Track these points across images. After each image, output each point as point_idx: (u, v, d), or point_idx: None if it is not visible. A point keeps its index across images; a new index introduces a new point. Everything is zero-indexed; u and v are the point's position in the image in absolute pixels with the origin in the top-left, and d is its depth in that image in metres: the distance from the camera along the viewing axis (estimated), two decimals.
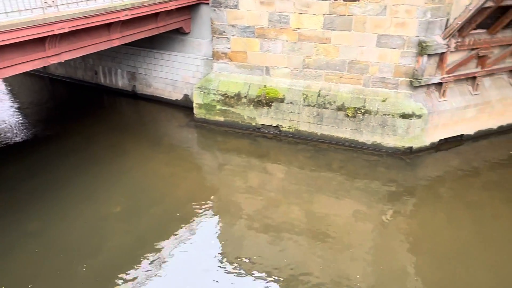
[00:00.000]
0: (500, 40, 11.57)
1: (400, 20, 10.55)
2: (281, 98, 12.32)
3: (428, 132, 11.66)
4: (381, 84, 11.48)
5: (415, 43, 10.62)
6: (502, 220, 9.23)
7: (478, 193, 10.24)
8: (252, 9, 11.82)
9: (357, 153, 11.83)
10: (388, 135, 11.58)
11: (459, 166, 11.45)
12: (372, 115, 11.51)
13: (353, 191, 10.29)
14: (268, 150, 12.20)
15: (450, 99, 11.78)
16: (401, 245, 8.50)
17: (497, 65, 12.16)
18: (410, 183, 10.72)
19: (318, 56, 11.75)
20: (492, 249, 8.31)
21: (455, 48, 10.92)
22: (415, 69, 10.88)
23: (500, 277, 7.59)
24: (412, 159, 11.53)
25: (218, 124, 13.32)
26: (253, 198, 9.97)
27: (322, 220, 9.17)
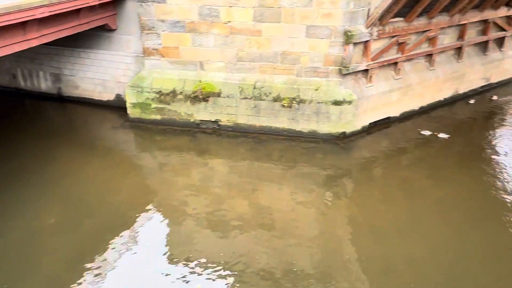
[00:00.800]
0: (416, 28, 12.52)
1: (326, 11, 10.96)
2: (217, 93, 12.28)
3: (359, 117, 12.34)
4: (313, 73, 11.89)
5: (341, 32, 11.12)
6: (428, 193, 10.09)
7: (407, 170, 11.09)
8: (181, 3, 11.57)
9: (295, 141, 12.19)
10: (323, 122, 12.07)
11: (388, 146, 12.29)
12: (306, 104, 11.90)
13: (294, 178, 10.62)
14: (209, 146, 12.13)
15: (376, 85, 12.55)
16: (343, 227, 8.97)
17: (415, 51, 13.17)
18: (346, 166, 11.31)
19: (251, 49, 11.85)
20: (422, 221, 9.06)
21: (377, 36, 11.61)
22: (343, 57, 11.42)
23: (431, 246, 8.31)
24: (346, 144, 12.15)
25: (155, 123, 12.95)
26: (197, 195, 9.89)
27: (268, 210, 9.36)
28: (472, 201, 9.77)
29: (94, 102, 14.32)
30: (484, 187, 10.29)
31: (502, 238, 8.55)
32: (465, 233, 8.68)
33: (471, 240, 8.47)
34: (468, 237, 8.55)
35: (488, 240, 8.48)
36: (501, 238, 8.57)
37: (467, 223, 8.98)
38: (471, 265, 7.85)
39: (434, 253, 8.09)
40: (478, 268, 7.78)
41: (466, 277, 7.55)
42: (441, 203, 9.68)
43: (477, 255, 8.08)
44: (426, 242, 8.41)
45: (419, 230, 8.78)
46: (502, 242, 8.45)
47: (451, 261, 7.91)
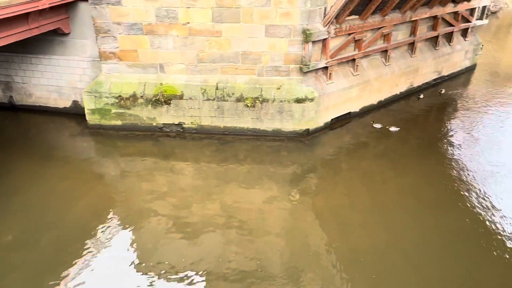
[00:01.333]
0: (371, 25, 12.93)
1: (284, 10, 11.09)
2: (179, 95, 12.11)
3: (321, 114, 12.60)
4: (274, 72, 11.99)
5: (300, 31, 11.29)
6: (389, 184, 10.49)
7: (369, 163, 11.45)
8: (137, 5, 11.30)
9: (261, 141, 12.26)
10: (287, 120, 12.22)
11: (350, 141, 12.63)
12: (269, 103, 11.99)
13: (261, 177, 10.68)
14: (173, 149, 11.95)
15: (336, 81, 12.86)
16: (310, 222, 9.12)
17: (371, 47, 13.61)
18: (311, 163, 11.52)
19: (212, 50, 11.78)
20: (385, 212, 9.40)
21: (334, 34, 11.89)
22: (303, 56, 11.60)
23: (394, 235, 8.64)
24: (310, 140, 12.37)
25: (116, 129, 12.58)
26: (164, 200, 9.71)
27: (236, 210, 9.35)
28: (429, 189, 10.24)
29: (50, 110, 13.71)
30: (440, 176, 10.82)
31: (458, 223, 9.04)
32: (424, 220, 9.08)
33: (430, 226, 8.87)
34: (427, 224, 8.95)
35: (446, 225, 8.93)
36: (457, 222, 9.05)
37: (426, 211, 9.40)
38: (431, 249, 8.22)
39: (397, 241, 8.42)
40: (438, 251, 8.16)
41: (427, 261, 7.90)
42: (401, 193, 10.09)
43: (437, 240, 8.48)
44: (389, 231, 8.74)
45: (382, 220, 9.09)
46: (458, 226, 8.93)
47: (413, 247, 8.26)
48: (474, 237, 8.59)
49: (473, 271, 7.72)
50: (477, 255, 8.11)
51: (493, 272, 7.70)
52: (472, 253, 8.17)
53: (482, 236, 8.59)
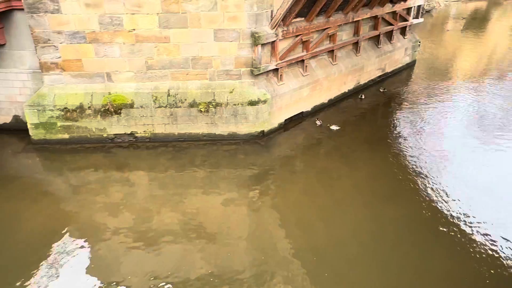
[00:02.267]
0: (316, 26, 13.34)
1: (232, 14, 11.15)
2: (130, 104, 11.77)
3: (275, 115, 12.79)
4: (226, 76, 12.01)
5: (249, 34, 11.40)
6: (344, 179, 10.85)
7: (324, 160, 11.78)
8: (78, 13, 10.85)
9: (217, 145, 12.21)
10: (242, 123, 12.27)
11: (305, 140, 12.93)
12: (223, 107, 11.98)
13: (220, 182, 10.63)
14: (127, 160, 11.57)
15: (287, 82, 13.11)
16: (272, 223, 9.20)
17: (318, 48, 14.03)
18: (268, 164, 11.64)
19: (161, 56, 11.57)
20: (343, 206, 9.72)
21: (282, 36, 12.13)
22: (253, 58, 11.72)
23: (352, 228, 8.94)
24: (265, 142, 12.51)
25: (63, 143, 11.98)
26: (120, 213, 9.37)
27: (197, 217, 9.23)
28: (382, 181, 10.73)
29: None
30: (390, 168, 11.36)
31: (410, 211, 9.53)
32: (379, 211, 9.49)
33: (385, 217, 9.28)
34: (382, 214, 9.36)
35: (399, 214, 9.38)
36: (409, 210, 9.54)
37: (379, 202, 9.82)
38: (387, 239, 8.60)
39: (355, 234, 8.72)
40: (394, 240, 8.56)
41: (384, 250, 8.26)
42: (356, 187, 10.48)
43: (392, 230, 8.89)
44: (347, 224, 9.04)
45: (340, 214, 9.39)
46: (410, 214, 9.42)
47: (371, 238, 8.60)
48: (426, 224, 9.10)
49: (426, 257, 8.16)
50: (430, 241, 8.59)
51: (444, 256, 8.20)
52: (425, 239, 8.64)
53: (434, 222, 9.13)
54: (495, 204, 9.66)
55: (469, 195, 10.01)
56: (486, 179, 10.63)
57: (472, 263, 7.95)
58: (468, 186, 10.35)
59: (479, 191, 10.12)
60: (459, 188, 10.31)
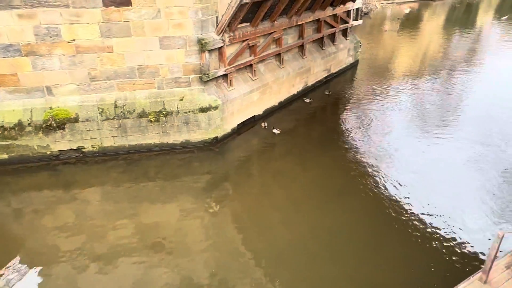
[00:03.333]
0: (262, 31, 13.54)
1: (176, 21, 11.02)
2: (74, 118, 11.21)
3: (227, 120, 12.78)
4: (174, 84, 11.82)
5: (195, 41, 11.32)
6: (299, 179, 11.07)
7: (278, 162, 11.94)
8: (10, 24, 10.18)
9: (170, 155, 11.97)
10: (194, 131, 12.13)
11: (258, 143, 13.04)
12: (174, 115, 11.78)
13: (176, 192, 10.42)
14: (75, 177, 10.99)
15: (237, 87, 13.17)
16: (232, 229, 9.16)
17: (265, 52, 14.24)
18: (224, 170, 11.59)
19: (104, 67, 11.16)
20: (299, 206, 9.90)
21: (229, 41, 12.18)
22: (201, 65, 11.64)
23: (310, 226, 9.13)
24: (220, 148, 12.45)
25: (2, 163, 11.14)
26: (72, 233, 8.87)
27: (155, 230, 8.96)
28: (335, 177, 11.08)
29: None
30: (342, 164, 11.77)
31: (364, 203, 9.93)
32: (334, 207, 9.78)
33: (340, 212, 9.59)
34: (337, 210, 9.66)
35: (355, 207, 9.74)
36: (363, 203, 9.93)
37: (335, 198, 10.13)
38: (344, 233, 8.89)
39: (313, 232, 8.92)
40: (351, 233, 8.85)
41: (342, 244, 8.53)
42: (311, 186, 10.73)
43: (347, 224, 9.20)
44: (306, 223, 9.22)
45: (298, 214, 9.56)
46: (365, 206, 9.81)
47: (328, 234, 8.84)
48: (379, 213, 9.52)
49: (383, 245, 8.52)
50: (384, 230, 8.99)
51: (399, 242, 8.61)
52: (379, 228, 9.03)
53: (385, 211, 9.57)
54: (434, 187, 10.33)
55: (414, 182, 10.64)
56: (428, 166, 11.36)
57: (425, 245, 8.42)
58: (414, 173, 10.99)
59: (422, 177, 10.78)
60: (406, 176, 10.92)
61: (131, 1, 10.50)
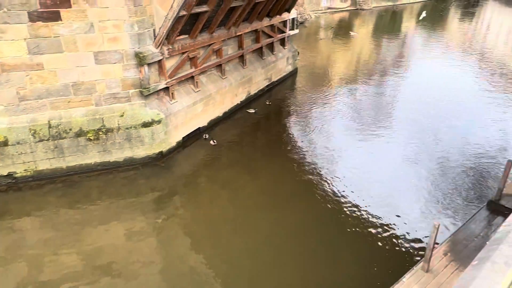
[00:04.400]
0: (201, 42, 13.53)
1: (112, 35, 10.66)
2: (3, 142, 10.36)
3: (171, 134, 12.54)
4: (114, 100, 11.39)
5: (133, 55, 11.02)
6: (248, 188, 11.13)
7: (226, 173, 11.91)
8: None
9: (113, 174, 11.46)
10: (137, 147, 11.74)
11: (205, 155, 12.92)
12: (115, 132, 11.33)
13: (122, 212, 9.98)
14: (7, 205, 10.12)
15: (180, 100, 12.99)
16: (184, 244, 8.94)
17: (206, 63, 14.23)
18: (171, 184, 11.33)
19: (35, 85, 10.47)
20: (250, 213, 9.93)
21: (169, 54, 12.01)
22: (141, 79, 11.35)
23: (262, 234, 9.20)
24: (166, 162, 12.16)
25: None
26: (8, 267, 8.13)
27: (100, 255, 8.49)
28: (284, 184, 11.28)
29: None
30: (289, 170, 12.02)
31: (313, 206, 10.20)
32: (286, 212, 9.95)
33: (291, 217, 9.76)
34: (288, 216, 9.82)
35: (304, 211, 9.97)
36: (312, 206, 10.20)
37: (285, 204, 10.31)
38: (297, 236, 9.07)
39: (267, 238, 8.99)
40: (303, 236, 9.05)
41: (296, 248, 8.69)
42: (261, 194, 10.84)
43: (299, 228, 9.39)
44: (259, 230, 9.28)
45: (250, 222, 9.59)
46: (314, 209, 10.08)
47: (280, 240, 8.96)
48: (327, 215, 9.83)
49: (334, 245, 8.79)
50: (333, 230, 9.29)
51: (349, 241, 8.93)
52: (329, 229, 9.32)
53: (333, 211, 9.90)
54: (377, 183, 10.91)
55: (358, 181, 11.16)
56: (370, 164, 11.98)
57: (373, 240, 8.81)
58: (357, 173, 11.53)
59: (365, 176, 11.34)
60: (350, 176, 11.42)
61: (61, 16, 10.00)
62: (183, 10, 11.05)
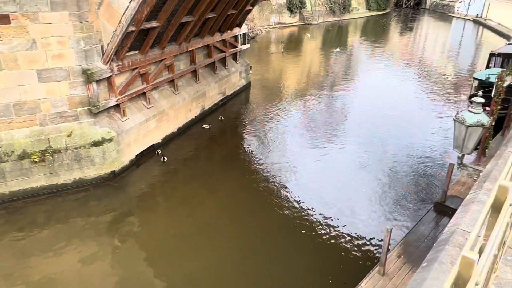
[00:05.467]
0: (152, 58, 13.32)
1: (56, 52, 10.22)
2: None
3: (124, 152, 12.14)
4: (60, 119, 10.86)
5: (80, 72, 10.61)
6: (206, 203, 10.98)
7: (183, 189, 11.69)
8: None
9: (62, 196, 10.86)
10: (88, 167, 11.23)
11: (161, 172, 12.62)
12: (62, 153, 10.77)
13: (73, 237, 9.43)
14: None
15: (131, 117, 12.64)
16: (141, 267, 8.60)
17: (158, 79, 14.02)
18: (126, 204, 10.92)
19: None
20: (208, 229, 9.79)
21: (118, 70, 11.70)
22: (90, 97, 10.94)
23: (221, 249, 9.08)
24: (119, 182, 11.72)
25: None
26: None
27: (50, 285, 7.94)
28: (242, 197, 11.27)
29: None
30: (247, 183, 12.05)
31: (271, 217, 10.25)
32: (244, 225, 9.93)
33: (250, 229, 9.76)
34: (247, 228, 9.81)
35: (262, 222, 9.99)
36: (270, 217, 10.25)
37: (244, 216, 10.30)
38: (256, 248, 9.05)
39: (226, 252, 8.89)
40: (262, 248, 9.05)
41: (256, 260, 8.66)
42: (220, 208, 10.74)
43: (257, 239, 9.39)
44: (218, 245, 9.17)
45: (209, 238, 9.44)
46: (272, 219, 10.14)
47: (241, 252, 8.90)
48: (285, 224, 9.92)
49: (291, 254, 8.86)
50: (292, 242, 9.37)
51: (308, 252, 9.05)
52: (287, 238, 9.40)
53: (290, 220, 10.00)
54: (331, 191, 11.21)
55: (313, 190, 11.41)
56: (323, 173, 12.30)
57: (332, 247, 8.99)
58: (312, 182, 11.78)
59: (320, 184, 11.62)
60: (306, 186, 11.63)
61: None
62: (132, 26, 10.86)
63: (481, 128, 6.03)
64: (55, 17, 9.87)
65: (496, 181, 3.80)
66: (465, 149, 6.27)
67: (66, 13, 9.93)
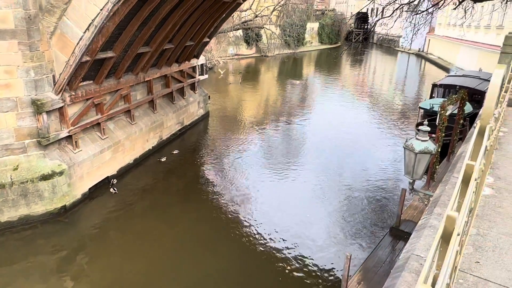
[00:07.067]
0: (108, 88, 13.04)
1: (3, 82, 9.75)
2: None
3: (76, 185, 11.56)
4: (6, 152, 10.22)
5: (29, 102, 10.15)
6: (164, 237, 10.59)
7: (140, 223, 11.23)
8: None
9: (5, 235, 10.05)
10: (35, 203, 10.55)
11: (115, 205, 12.09)
12: (7, 188, 10.07)
13: (17, 280, 8.68)
14: None
15: (85, 148, 12.15)
16: None
17: (114, 109, 13.68)
18: (77, 241, 10.28)
19: None
20: (166, 265, 9.40)
21: (71, 101, 11.31)
22: (39, 128, 10.43)
23: (181, 284, 8.71)
24: (70, 217, 11.07)
25: None
26: None
27: None
28: (202, 229, 11.00)
29: None
30: (207, 215, 11.81)
31: (232, 252, 10.05)
32: (204, 258, 9.64)
33: (210, 262, 9.47)
34: (207, 261, 9.53)
35: (221, 255, 9.76)
36: (231, 252, 10.05)
37: (204, 250, 9.99)
38: (217, 283, 8.79)
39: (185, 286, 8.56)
40: (222, 283, 8.80)
41: None
42: (179, 241, 10.39)
43: (217, 273, 9.13)
44: (177, 282, 8.79)
45: (167, 274, 9.05)
46: (233, 256, 9.94)
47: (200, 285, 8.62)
48: (248, 256, 9.74)
49: None
50: (254, 272, 9.20)
51: (267, 280, 8.90)
52: (250, 272, 9.21)
53: (253, 252, 9.85)
54: (292, 219, 11.26)
55: (274, 218, 11.37)
56: (283, 201, 12.36)
57: (294, 276, 8.91)
58: (273, 211, 11.75)
59: (280, 213, 11.63)
60: (266, 215, 11.59)
61: None
62: (87, 56, 10.65)
63: (429, 155, 6.39)
64: (2, 45, 9.48)
65: (445, 206, 4.01)
66: (415, 175, 6.59)
67: (15, 42, 9.57)
